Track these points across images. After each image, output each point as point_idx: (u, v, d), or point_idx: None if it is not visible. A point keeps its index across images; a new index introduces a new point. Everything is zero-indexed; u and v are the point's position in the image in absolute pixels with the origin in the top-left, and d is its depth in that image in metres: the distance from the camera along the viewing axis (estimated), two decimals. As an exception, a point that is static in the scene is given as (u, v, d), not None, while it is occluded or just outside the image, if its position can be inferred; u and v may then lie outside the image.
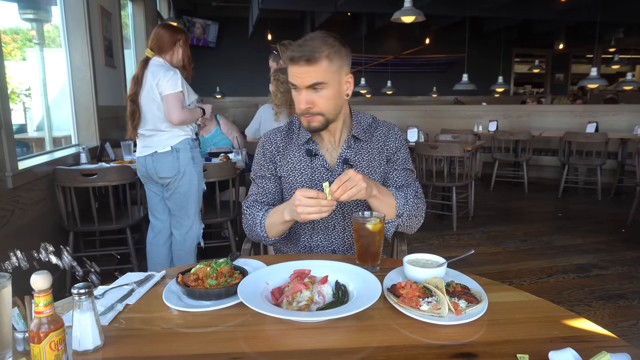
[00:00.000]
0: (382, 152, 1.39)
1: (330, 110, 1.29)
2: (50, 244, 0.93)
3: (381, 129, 1.41)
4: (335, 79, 1.26)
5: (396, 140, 1.41)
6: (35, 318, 0.74)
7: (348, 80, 1.31)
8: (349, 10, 8.71)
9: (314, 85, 1.24)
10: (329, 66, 1.23)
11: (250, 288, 0.99)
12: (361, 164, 1.37)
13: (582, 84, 7.12)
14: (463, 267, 1.08)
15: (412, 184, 1.40)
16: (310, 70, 1.22)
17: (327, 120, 1.30)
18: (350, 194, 1.14)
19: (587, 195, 5.76)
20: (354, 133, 1.37)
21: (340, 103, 1.31)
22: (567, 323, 0.90)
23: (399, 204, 1.31)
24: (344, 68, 1.29)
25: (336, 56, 1.25)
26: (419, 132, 5.07)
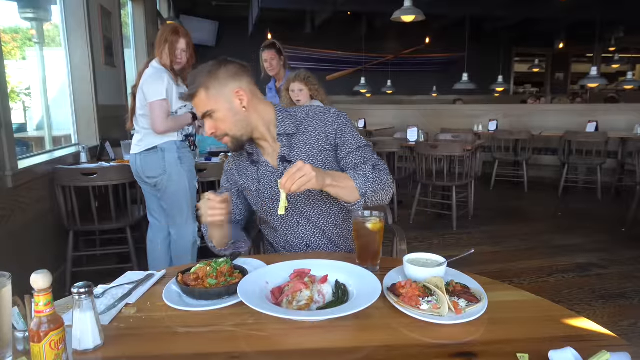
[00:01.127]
0: (323, 139, 1.39)
1: (232, 129, 1.32)
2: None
3: (318, 117, 1.41)
4: (220, 101, 1.29)
5: (335, 123, 1.40)
6: (36, 317, 0.74)
7: (237, 93, 1.31)
8: (349, 9, 8.71)
9: (205, 115, 1.31)
10: (207, 94, 1.29)
11: (250, 287, 0.99)
12: (301, 157, 1.38)
13: (583, 83, 7.13)
14: (463, 266, 1.08)
15: (369, 159, 1.39)
16: (196, 104, 1.32)
17: (236, 138, 1.34)
18: (300, 183, 1.15)
19: (587, 195, 5.76)
20: (280, 131, 1.37)
21: (241, 117, 1.32)
22: (567, 322, 0.90)
23: (358, 184, 1.29)
24: (227, 87, 1.30)
25: (212, 81, 1.29)
26: (419, 131, 5.07)
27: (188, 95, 1.32)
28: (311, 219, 1.43)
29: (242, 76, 1.33)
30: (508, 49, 11.51)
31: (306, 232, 1.44)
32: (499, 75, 9.03)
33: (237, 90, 1.31)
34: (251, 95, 1.34)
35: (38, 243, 2.67)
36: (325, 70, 10.30)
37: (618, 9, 7.74)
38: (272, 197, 1.40)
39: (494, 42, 10.90)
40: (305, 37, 9.49)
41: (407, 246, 1.55)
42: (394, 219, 3.73)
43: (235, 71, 1.33)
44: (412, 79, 10.89)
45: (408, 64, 11.02)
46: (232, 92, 1.31)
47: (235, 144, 1.36)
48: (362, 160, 1.38)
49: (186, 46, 2.62)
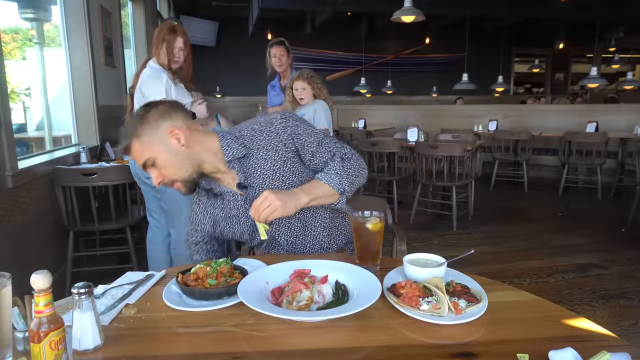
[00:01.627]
0: (281, 150, 1.31)
1: (177, 172, 1.26)
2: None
3: (266, 129, 1.32)
4: (155, 147, 1.23)
5: (286, 128, 1.31)
6: (35, 317, 0.74)
7: (172, 132, 1.23)
8: (349, 10, 8.71)
9: (146, 165, 1.24)
10: (140, 143, 1.22)
11: (250, 288, 0.99)
12: (259, 177, 1.31)
13: (583, 83, 7.13)
14: (463, 266, 1.08)
15: (335, 151, 1.33)
16: (134, 156, 1.25)
17: (186, 180, 1.28)
18: (266, 214, 1.15)
19: (587, 195, 5.75)
20: (229, 158, 1.29)
21: (182, 157, 1.25)
22: (567, 322, 0.90)
23: (334, 184, 1.26)
24: (159, 129, 1.23)
25: (143, 128, 1.22)
26: (419, 132, 5.07)
27: (123, 149, 1.25)
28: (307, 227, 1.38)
29: (173, 114, 1.26)
30: (508, 49, 11.52)
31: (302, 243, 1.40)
32: (499, 76, 9.03)
33: (171, 129, 1.23)
34: (188, 131, 1.25)
35: (38, 243, 2.67)
36: (325, 71, 10.29)
37: (618, 9, 7.74)
38: (248, 223, 1.34)
39: (494, 42, 10.91)
40: (305, 37, 9.49)
41: (407, 246, 1.55)
42: (394, 219, 3.73)
43: (165, 110, 1.25)
44: (412, 79, 10.89)
45: (408, 64, 11.02)
46: (165, 133, 1.23)
47: (188, 186, 1.29)
48: (329, 155, 1.33)
49: (183, 45, 2.61)
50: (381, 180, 4.95)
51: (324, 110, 3.08)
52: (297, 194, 1.22)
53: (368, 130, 7.05)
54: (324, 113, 3.07)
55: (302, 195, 1.22)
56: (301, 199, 1.21)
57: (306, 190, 1.24)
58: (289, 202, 1.18)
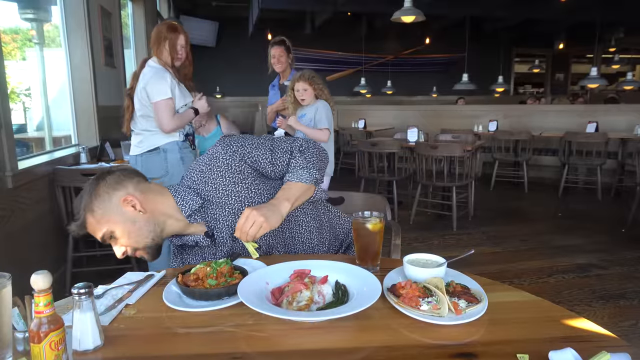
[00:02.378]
0: (238, 178, 1.25)
1: (138, 240, 1.20)
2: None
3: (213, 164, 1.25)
4: (111, 219, 1.17)
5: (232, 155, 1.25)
6: (36, 318, 0.74)
7: (126, 201, 1.18)
8: (349, 10, 8.71)
9: (105, 238, 1.19)
10: (94, 217, 1.17)
11: (250, 288, 0.99)
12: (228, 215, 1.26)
13: (583, 83, 7.14)
14: (463, 267, 1.08)
15: (292, 149, 1.28)
16: (91, 231, 1.19)
17: (148, 247, 1.22)
18: (252, 233, 1.12)
19: (587, 195, 5.76)
20: (187, 212, 1.24)
21: (144, 222, 1.20)
22: (567, 323, 0.90)
23: (305, 179, 1.24)
24: (112, 200, 1.18)
25: (94, 201, 1.16)
26: (419, 132, 5.07)
27: (77, 227, 1.18)
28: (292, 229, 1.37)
29: (125, 182, 1.20)
30: (508, 50, 11.53)
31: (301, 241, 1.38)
32: (499, 76, 9.03)
33: (124, 197, 1.18)
34: (143, 196, 1.20)
35: (38, 243, 2.67)
36: (325, 71, 10.29)
37: (618, 10, 7.75)
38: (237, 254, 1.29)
39: (494, 42, 10.92)
40: (305, 38, 9.49)
41: (404, 244, 1.55)
42: (394, 219, 3.73)
43: (116, 180, 1.20)
44: (412, 80, 10.90)
45: (408, 65, 11.03)
46: (119, 202, 1.17)
47: (151, 252, 1.23)
48: (287, 155, 1.28)
49: (185, 42, 2.63)
50: (381, 180, 4.95)
51: (325, 110, 3.08)
52: (276, 204, 1.18)
53: (368, 130, 7.05)
54: (324, 113, 3.07)
55: (282, 202, 1.19)
56: (282, 206, 1.18)
57: (283, 196, 1.21)
58: (272, 215, 1.15)
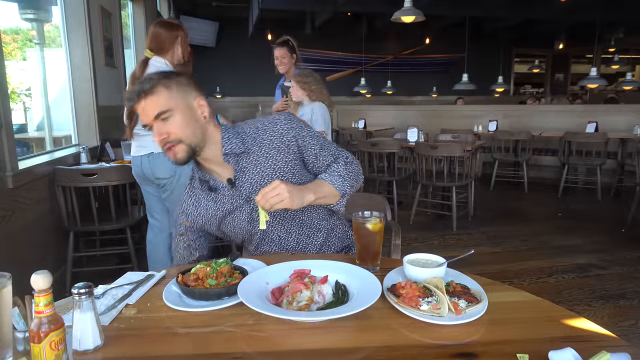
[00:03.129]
0: (283, 150, 1.31)
1: (188, 136, 1.23)
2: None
3: (269, 129, 1.33)
4: (181, 104, 1.23)
5: (291, 130, 1.32)
6: (36, 318, 0.74)
7: (200, 103, 1.26)
8: (349, 10, 8.71)
9: (159, 116, 1.20)
10: (168, 93, 1.21)
11: (250, 288, 0.99)
12: (257, 174, 1.31)
13: (582, 83, 7.13)
14: (463, 267, 1.08)
15: (337, 155, 1.36)
16: (150, 102, 1.20)
17: (191, 147, 1.25)
18: (272, 202, 1.15)
19: (587, 195, 5.76)
20: (226, 150, 1.29)
21: (199, 126, 1.26)
22: (567, 323, 0.90)
23: (337, 186, 1.29)
24: (191, 93, 1.26)
25: (175, 84, 1.23)
26: (419, 132, 5.07)
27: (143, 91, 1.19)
28: (305, 222, 1.39)
29: (200, 90, 1.29)
30: (508, 50, 11.52)
31: (298, 237, 1.39)
32: (499, 76, 9.03)
33: (199, 99, 1.26)
34: (209, 111, 1.29)
35: (38, 243, 2.67)
36: (325, 71, 10.29)
37: (618, 10, 7.75)
38: (242, 218, 1.34)
39: (494, 42, 10.92)
40: (305, 38, 9.48)
41: (404, 244, 1.55)
42: (394, 219, 3.73)
43: (195, 84, 1.28)
44: (412, 80, 10.90)
45: (408, 65, 11.03)
46: (194, 99, 1.26)
47: (187, 154, 1.25)
48: (332, 158, 1.35)
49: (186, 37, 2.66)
50: (381, 180, 4.95)
51: (320, 112, 3.08)
52: (304, 190, 1.23)
53: (368, 130, 7.05)
54: (320, 114, 3.07)
55: (309, 192, 1.23)
56: (307, 195, 1.22)
57: (312, 188, 1.25)
58: (297, 196, 1.19)
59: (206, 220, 1.38)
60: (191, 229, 1.43)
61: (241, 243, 1.46)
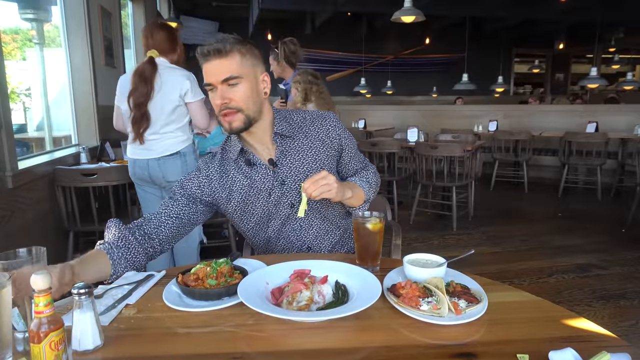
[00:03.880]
0: (327, 144, 1.37)
1: (249, 106, 1.24)
2: (51, 244, 0.94)
3: (317, 121, 1.38)
4: (250, 74, 1.24)
5: (337, 128, 1.39)
6: (35, 318, 0.74)
7: (264, 79, 1.29)
8: (349, 10, 8.71)
9: (228, 80, 1.21)
10: (242, 60, 1.22)
11: (250, 288, 0.99)
12: (298, 160, 1.33)
13: (582, 83, 7.13)
14: (463, 267, 1.08)
15: (367, 164, 1.48)
16: (222, 64, 1.20)
17: (248, 118, 1.25)
18: (321, 190, 1.17)
19: (587, 195, 5.76)
20: (277, 130, 1.32)
21: (259, 100, 1.28)
22: (567, 323, 0.90)
23: (366, 191, 1.37)
24: (259, 66, 1.28)
25: (249, 53, 1.24)
26: (419, 132, 5.07)
27: (219, 50, 1.19)
28: (327, 217, 1.41)
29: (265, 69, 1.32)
30: (508, 50, 11.52)
31: (312, 234, 1.39)
32: (499, 76, 9.03)
33: (265, 75, 1.30)
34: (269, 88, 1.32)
35: (38, 244, 2.65)
36: (325, 71, 10.29)
37: (618, 10, 7.74)
38: (270, 200, 1.32)
39: (494, 42, 10.91)
40: (305, 38, 9.45)
41: (404, 244, 1.56)
42: (394, 219, 3.73)
43: (263, 58, 1.31)
44: (412, 80, 10.90)
45: (408, 65, 11.02)
46: (261, 73, 1.29)
47: (243, 125, 1.25)
48: (362, 165, 1.45)
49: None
50: (381, 180, 4.95)
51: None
52: (345, 186, 1.27)
53: (368, 130, 7.05)
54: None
55: (348, 189, 1.28)
56: (347, 191, 1.27)
57: (350, 186, 1.30)
58: (341, 190, 1.22)
59: (230, 193, 1.33)
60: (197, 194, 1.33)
61: (252, 229, 1.39)
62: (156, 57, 2.50)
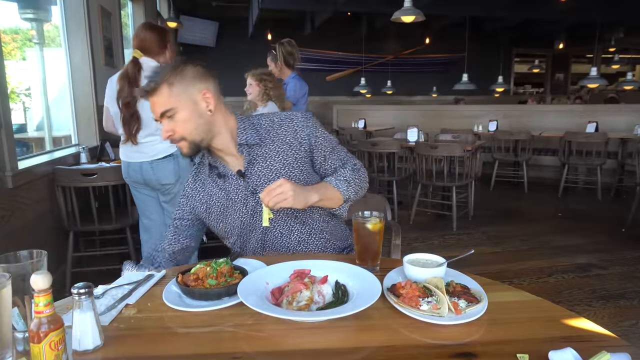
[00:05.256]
0: (295, 147, 1.32)
1: (191, 133, 1.24)
2: (50, 244, 0.94)
3: (285, 124, 1.33)
4: (183, 100, 1.21)
5: (306, 127, 1.33)
6: (35, 318, 0.74)
7: (205, 95, 1.24)
8: (349, 10, 8.70)
9: (163, 115, 1.22)
10: (171, 91, 1.20)
11: (250, 288, 0.99)
12: (266, 167, 1.31)
13: (582, 83, 7.12)
14: (463, 267, 1.08)
15: (346, 160, 1.39)
16: (154, 102, 1.22)
17: (194, 143, 1.25)
18: (275, 200, 1.15)
19: (587, 195, 5.76)
20: (241, 140, 1.29)
21: (204, 121, 1.24)
22: (567, 323, 0.90)
23: (342, 190, 1.31)
24: (195, 87, 1.23)
25: (178, 79, 1.21)
26: (419, 132, 5.07)
27: (147, 90, 1.21)
28: (306, 222, 1.38)
29: (208, 78, 1.26)
30: (508, 50, 11.51)
31: (300, 235, 1.38)
32: (499, 76, 9.03)
33: (204, 91, 1.24)
34: (217, 100, 1.27)
35: (38, 243, 2.64)
36: (325, 71, 10.30)
37: (618, 10, 7.74)
38: (244, 211, 1.33)
39: (494, 42, 10.91)
40: (305, 38, 9.48)
41: (404, 244, 1.56)
42: (394, 219, 3.74)
43: (203, 72, 1.26)
44: (412, 80, 10.89)
45: (408, 65, 11.02)
46: (198, 92, 1.23)
47: (192, 149, 1.26)
48: (340, 163, 1.38)
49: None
50: (381, 180, 4.95)
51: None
52: (309, 190, 1.24)
53: (368, 130, 7.05)
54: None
55: (314, 193, 1.24)
56: (312, 196, 1.23)
57: (318, 189, 1.27)
58: (301, 196, 1.19)
59: (208, 207, 1.36)
60: (187, 216, 1.40)
61: (237, 241, 1.40)
62: (140, 57, 2.46)
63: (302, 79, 3.63)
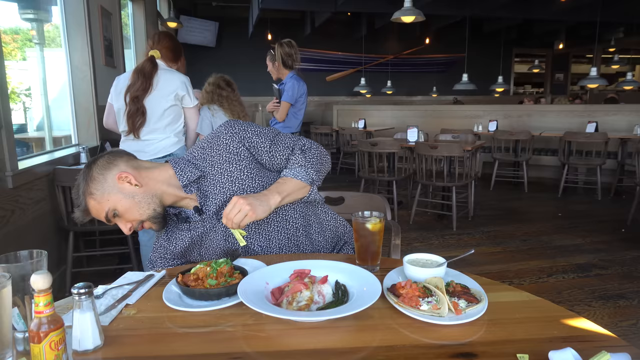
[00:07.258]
0: (235, 160, 1.29)
1: (141, 214, 1.24)
2: (50, 244, 0.94)
3: (214, 143, 1.30)
4: (112, 197, 1.21)
5: (234, 136, 1.29)
6: (35, 318, 0.74)
7: (120, 177, 1.21)
8: (349, 10, 8.71)
9: (108, 218, 1.23)
10: (95, 200, 1.21)
11: (250, 288, 0.99)
12: (219, 193, 1.29)
13: (582, 83, 7.12)
14: (463, 267, 1.08)
15: (294, 145, 1.32)
16: (95, 214, 1.24)
17: (153, 217, 1.26)
18: (237, 220, 1.13)
19: (587, 195, 5.76)
20: (183, 182, 1.28)
21: (141, 195, 1.24)
22: (567, 323, 0.90)
23: (302, 177, 1.26)
24: (108, 179, 1.21)
25: (92, 185, 1.20)
26: (419, 132, 5.07)
27: (81, 213, 1.23)
28: (281, 225, 1.35)
29: (115, 162, 1.24)
30: (508, 50, 11.52)
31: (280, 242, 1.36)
32: (499, 76, 9.04)
33: (118, 175, 1.22)
34: (136, 171, 1.24)
35: (38, 244, 2.67)
36: (325, 71, 10.31)
37: (618, 10, 7.75)
38: (217, 238, 1.32)
39: (494, 42, 10.92)
40: (305, 38, 9.49)
41: (404, 244, 1.55)
42: (394, 219, 3.74)
43: (107, 161, 1.24)
44: (412, 80, 10.91)
45: (408, 65, 11.03)
46: (115, 180, 1.21)
47: (158, 221, 1.27)
48: (289, 150, 1.31)
49: None
50: (381, 180, 4.95)
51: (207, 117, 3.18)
52: (266, 195, 1.20)
53: (368, 130, 7.05)
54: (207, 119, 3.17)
55: (272, 195, 1.21)
56: (272, 199, 1.20)
57: (275, 189, 1.23)
58: (259, 205, 1.16)
59: (184, 250, 1.36)
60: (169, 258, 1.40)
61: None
62: (157, 58, 2.59)
63: (300, 79, 3.63)
